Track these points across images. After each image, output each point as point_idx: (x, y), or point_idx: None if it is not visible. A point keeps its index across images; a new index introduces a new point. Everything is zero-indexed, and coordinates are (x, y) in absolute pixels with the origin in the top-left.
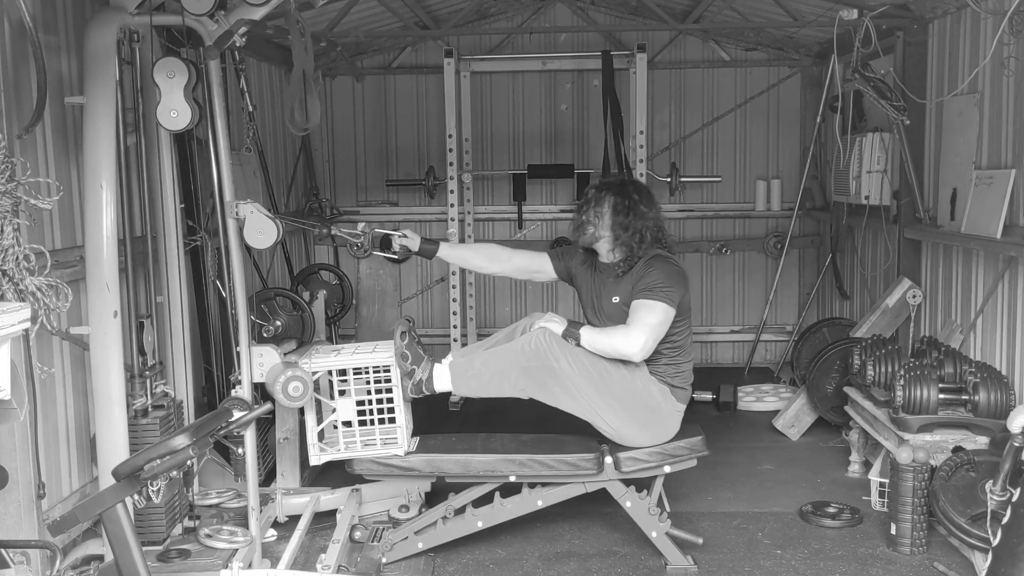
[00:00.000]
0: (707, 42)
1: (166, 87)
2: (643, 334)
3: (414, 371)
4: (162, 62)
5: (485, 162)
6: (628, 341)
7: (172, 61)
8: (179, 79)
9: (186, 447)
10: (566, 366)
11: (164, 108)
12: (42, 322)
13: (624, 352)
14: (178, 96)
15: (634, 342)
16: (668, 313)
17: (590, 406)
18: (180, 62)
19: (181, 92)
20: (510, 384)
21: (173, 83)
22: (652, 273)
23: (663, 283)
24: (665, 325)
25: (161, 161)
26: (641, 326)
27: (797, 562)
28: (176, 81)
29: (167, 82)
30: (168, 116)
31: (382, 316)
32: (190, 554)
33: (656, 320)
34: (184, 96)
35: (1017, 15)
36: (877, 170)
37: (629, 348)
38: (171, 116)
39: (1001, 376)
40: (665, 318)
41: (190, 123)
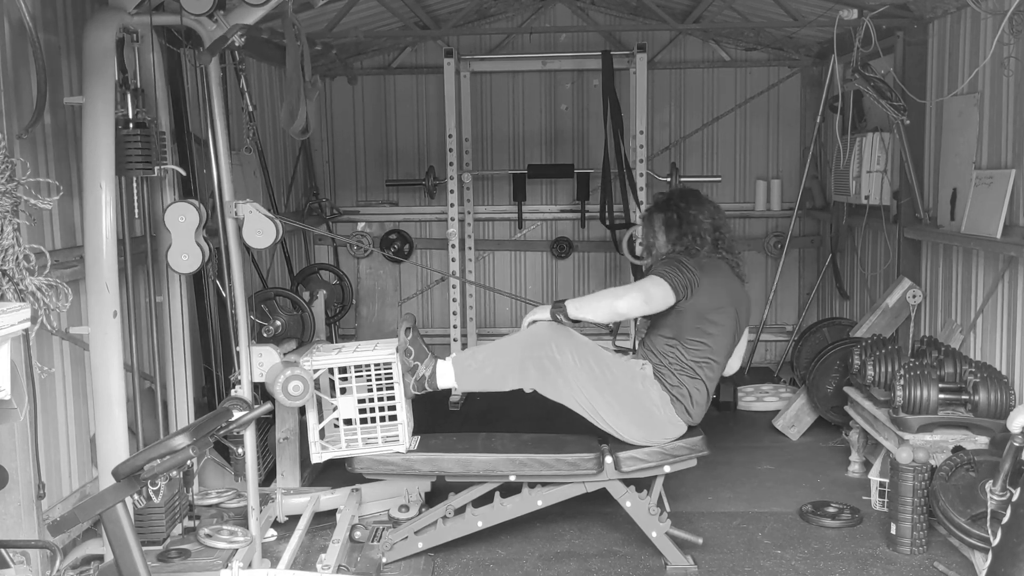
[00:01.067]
0: (707, 42)
1: (177, 231)
2: (634, 291)
3: (417, 367)
4: (173, 208)
5: (485, 162)
6: (616, 295)
7: (183, 207)
8: (190, 223)
9: (186, 447)
10: (569, 359)
11: (175, 252)
12: (42, 322)
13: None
14: (189, 240)
15: (622, 296)
16: (664, 289)
17: (588, 400)
18: (191, 207)
19: (192, 236)
20: (513, 376)
21: (184, 227)
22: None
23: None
24: (658, 300)
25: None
26: (635, 286)
27: (797, 562)
28: (187, 224)
29: (178, 226)
30: (179, 260)
31: (382, 316)
32: (190, 554)
33: (651, 285)
34: (195, 240)
35: (1017, 15)
36: (877, 170)
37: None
38: (183, 260)
39: (1001, 376)
40: (660, 293)
41: (200, 266)
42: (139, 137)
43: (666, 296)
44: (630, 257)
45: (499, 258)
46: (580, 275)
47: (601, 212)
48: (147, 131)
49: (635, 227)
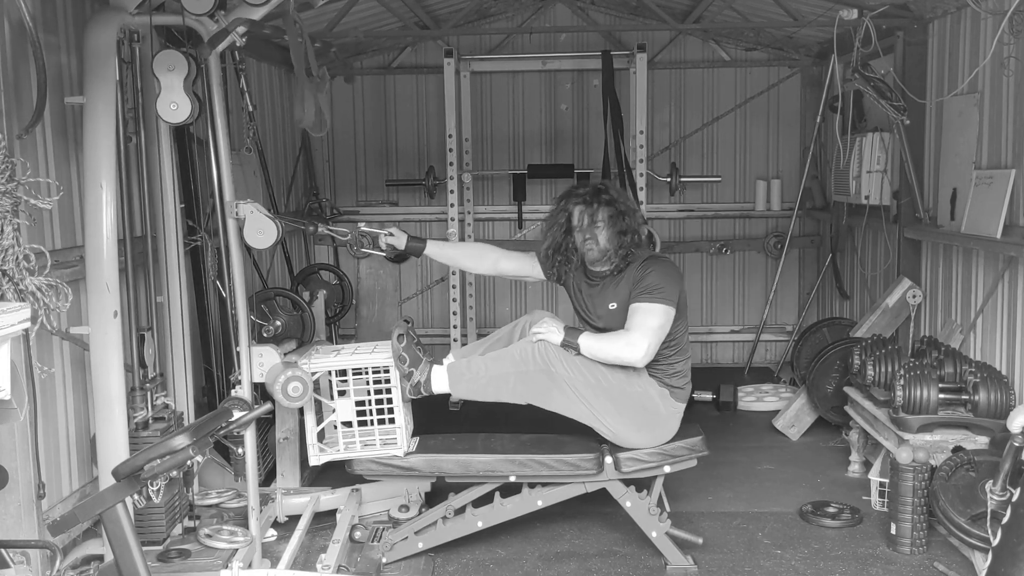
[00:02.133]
0: (707, 42)
1: (166, 80)
2: (645, 339)
3: (412, 373)
4: (161, 55)
5: (485, 162)
6: (631, 348)
7: (172, 54)
8: (179, 72)
9: (186, 447)
10: (563, 371)
11: (164, 101)
12: (42, 322)
13: (627, 359)
14: (178, 89)
15: (636, 348)
16: (668, 314)
17: (589, 411)
18: (180, 55)
19: (181, 85)
20: (508, 390)
21: (173, 76)
22: (649, 275)
23: (660, 284)
24: (666, 327)
25: (161, 161)
26: (643, 331)
27: (797, 562)
28: (176, 74)
29: (167, 75)
30: (168, 109)
31: (382, 316)
32: (190, 554)
33: (656, 323)
34: (184, 89)
35: (1017, 15)
36: (877, 170)
37: (632, 355)
38: (171, 109)
39: (1001, 376)
40: (665, 320)
41: (190, 116)
42: None
43: (670, 320)
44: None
45: None
46: None
47: None
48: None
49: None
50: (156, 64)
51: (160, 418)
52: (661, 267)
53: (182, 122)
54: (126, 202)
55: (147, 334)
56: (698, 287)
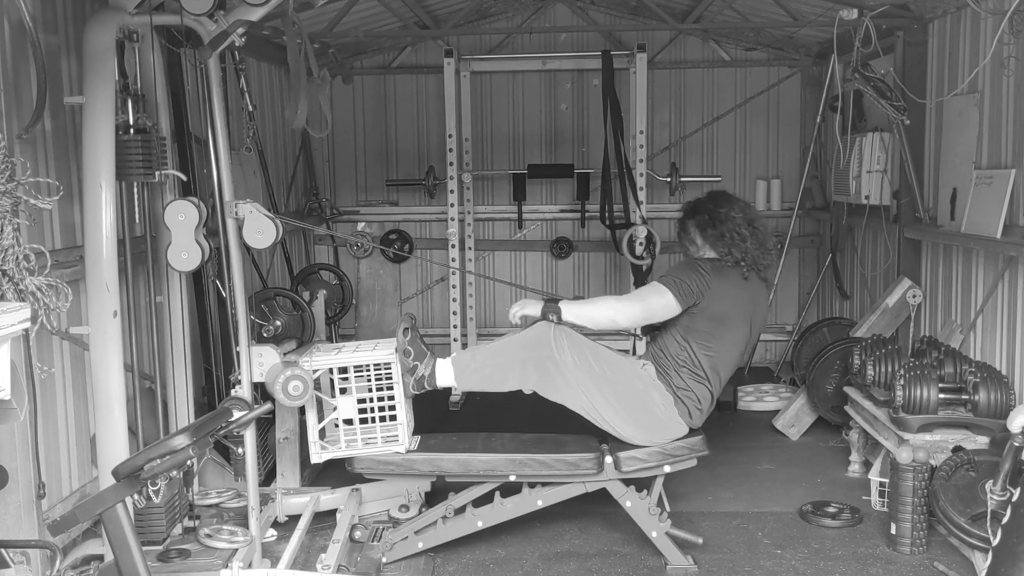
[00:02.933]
0: (707, 42)
1: (177, 229)
2: (634, 304)
3: (416, 367)
4: (173, 205)
5: (485, 162)
6: (617, 309)
7: (182, 204)
8: (189, 221)
9: (186, 447)
10: (568, 358)
11: (175, 250)
12: (42, 322)
13: (613, 318)
14: (188, 238)
15: (622, 311)
16: (667, 299)
17: (589, 400)
18: (190, 205)
19: (192, 234)
20: (513, 376)
21: (183, 225)
22: (678, 264)
23: (677, 272)
24: (662, 310)
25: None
26: (636, 298)
27: (797, 562)
28: (186, 223)
29: (178, 224)
30: (179, 258)
31: (382, 316)
32: (190, 554)
33: (655, 299)
34: (195, 238)
35: (1017, 15)
36: (877, 170)
37: (616, 315)
38: (182, 258)
39: (1001, 376)
40: (663, 303)
41: (200, 264)
42: (140, 142)
43: (668, 306)
44: (630, 257)
45: (499, 258)
46: (580, 275)
47: (601, 212)
48: (148, 136)
49: (635, 227)
50: (167, 214)
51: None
52: (686, 262)
53: (192, 270)
54: (126, 202)
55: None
56: None
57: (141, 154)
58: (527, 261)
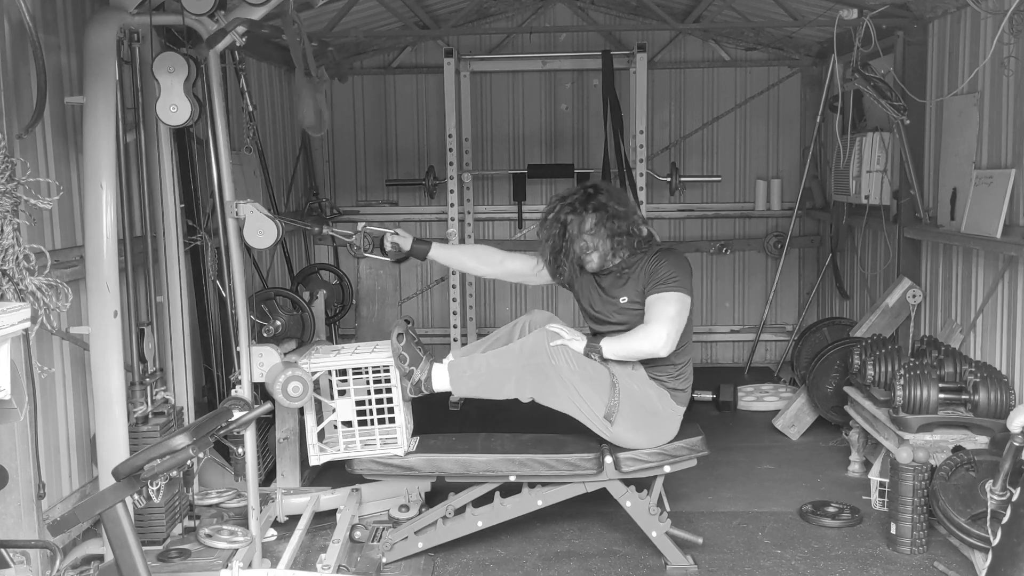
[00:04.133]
0: (707, 42)
1: (166, 82)
2: (663, 327)
3: (412, 372)
4: (161, 57)
5: (485, 162)
6: (650, 339)
7: (172, 56)
8: (179, 74)
9: (186, 447)
10: (564, 365)
11: (164, 103)
12: (42, 322)
13: (648, 351)
14: (178, 91)
15: (656, 338)
16: (684, 301)
17: (588, 407)
18: (180, 57)
19: (181, 87)
20: (510, 384)
21: (173, 78)
22: (662, 266)
23: (674, 274)
24: (683, 314)
25: (161, 161)
26: (660, 320)
27: (797, 562)
28: (176, 76)
29: (167, 77)
30: (168, 111)
31: (382, 316)
32: (190, 554)
33: (673, 311)
34: (184, 91)
35: (1017, 15)
36: (877, 170)
37: (652, 345)
38: (171, 111)
39: (1001, 376)
40: (681, 307)
41: (190, 118)
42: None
43: (688, 308)
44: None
45: None
46: None
47: None
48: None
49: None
50: (156, 66)
51: (160, 413)
52: (673, 258)
53: (182, 124)
54: (126, 202)
55: (147, 329)
56: (698, 287)
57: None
58: None
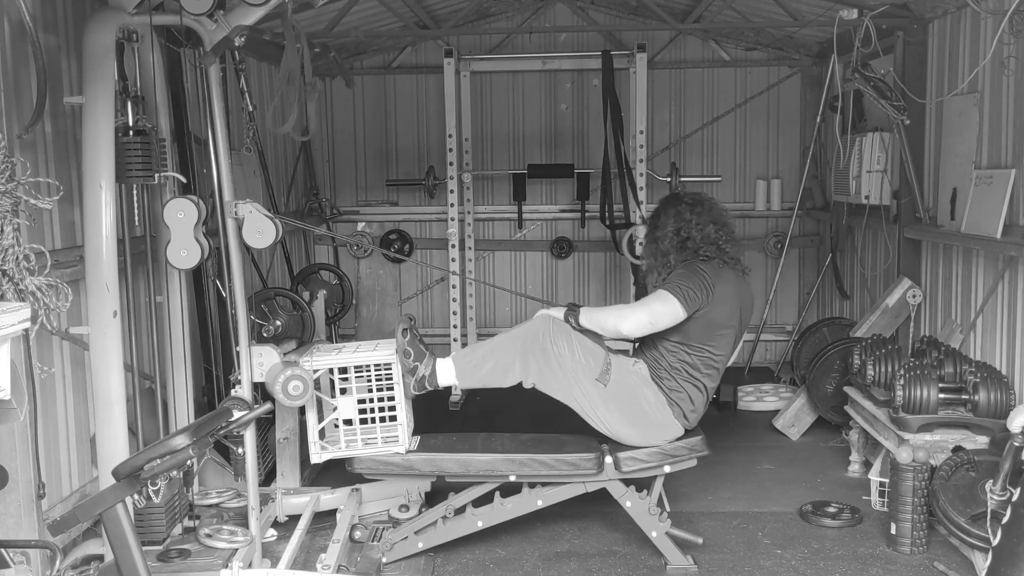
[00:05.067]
0: (707, 42)
1: (176, 227)
2: (636, 311)
3: (416, 367)
4: (172, 203)
5: (485, 162)
6: (619, 313)
7: (181, 202)
8: (188, 219)
9: (186, 447)
10: (566, 352)
11: (174, 248)
12: (42, 322)
13: (612, 323)
14: (188, 236)
15: (625, 315)
16: (673, 307)
17: (585, 396)
18: (189, 203)
19: (191, 232)
20: (514, 370)
21: (183, 222)
22: (680, 269)
23: (679, 280)
24: (666, 316)
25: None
26: (639, 304)
27: (797, 562)
28: (185, 221)
29: (177, 221)
30: (179, 256)
31: (382, 316)
32: (190, 554)
33: (658, 306)
34: (194, 236)
35: (1017, 15)
36: (877, 170)
37: (618, 318)
38: (181, 255)
39: (1001, 376)
40: (668, 310)
41: (200, 261)
42: (139, 145)
43: (674, 313)
44: (630, 257)
45: (499, 258)
46: (580, 275)
47: (601, 212)
48: (147, 138)
49: (635, 227)
50: (166, 212)
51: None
52: (689, 267)
53: (191, 267)
54: (126, 202)
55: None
56: None
57: (140, 156)
58: (527, 261)
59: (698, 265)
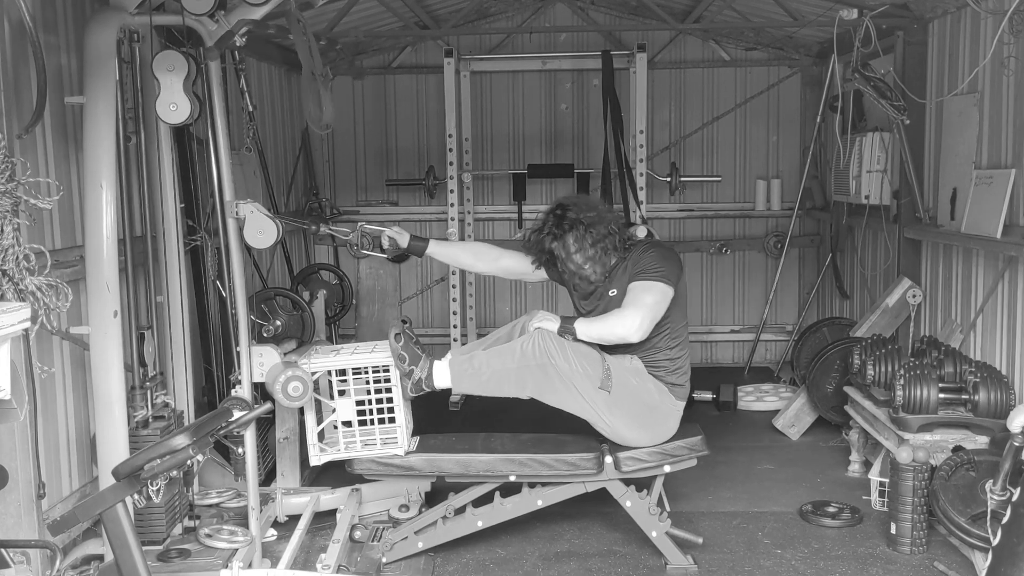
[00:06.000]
0: (707, 42)
1: (166, 81)
2: (638, 313)
3: (413, 371)
4: (161, 55)
5: (485, 162)
6: (624, 322)
7: (171, 54)
8: (179, 72)
9: (186, 447)
10: (564, 364)
11: (164, 101)
12: (42, 322)
13: (621, 334)
14: (178, 89)
15: (630, 323)
16: (664, 292)
17: (589, 405)
18: (179, 55)
19: (181, 85)
20: (509, 384)
21: (173, 76)
22: (647, 256)
23: (657, 265)
24: (661, 305)
25: (161, 161)
26: (636, 306)
27: (797, 562)
28: (176, 74)
29: (167, 75)
30: (168, 109)
31: (382, 316)
32: (190, 554)
33: (651, 299)
34: (184, 89)
35: (1017, 15)
36: (877, 170)
37: (625, 329)
38: (171, 109)
39: (1001, 376)
40: (661, 298)
41: (190, 116)
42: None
43: (665, 296)
44: None
45: None
46: None
47: None
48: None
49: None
50: (156, 65)
51: (160, 416)
52: (659, 250)
53: (182, 123)
54: (126, 202)
55: (147, 332)
56: (698, 287)
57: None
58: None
59: (664, 245)
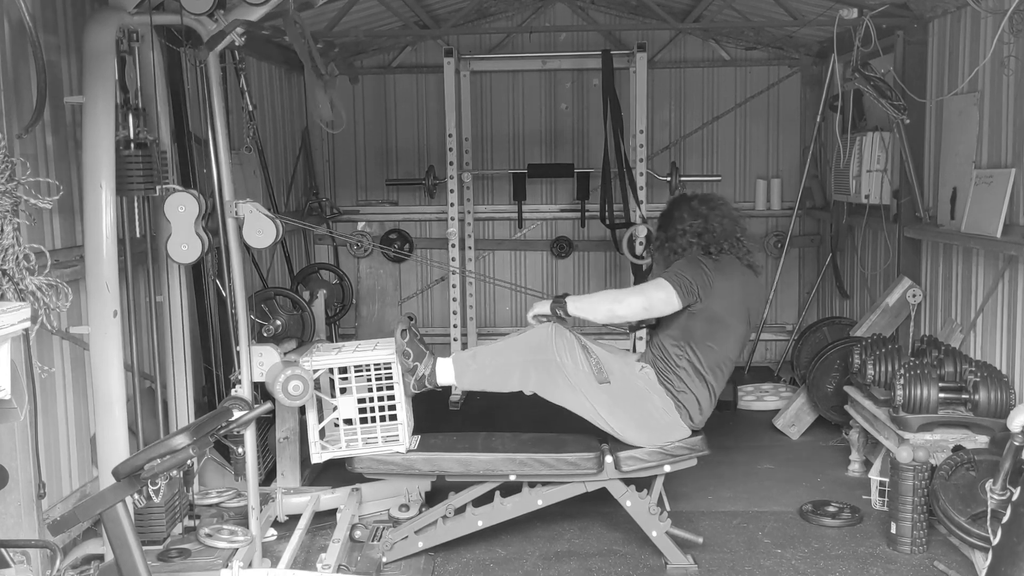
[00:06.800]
0: (707, 41)
1: (177, 221)
2: (633, 294)
3: (416, 367)
4: (173, 197)
5: (485, 161)
6: (617, 298)
7: (182, 196)
8: (189, 213)
9: (186, 447)
10: (568, 361)
11: (175, 242)
12: (42, 322)
13: (612, 308)
14: (188, 230)
15: (622, 300)
16: (667, 291)
17: (590, 403)
18: (190, 196)
19: (192, 226)
20: (514, 378)
21: (183, 216)
22: (678, 261)
23: (677, 269)
24: (663, 303)
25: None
26: (636, 288)
27: (797, 561)
28: (186, 214)
29: (178, 216)
30: (179, 250)
31: (382, 316)
32: (190, 553)
33: (653, 291)
34: (195, 229)
35: (1017, 14)
36: (877, 169)
37: (616, 305)
38: (182, 250)
39: (1001, 375)
40: (663, 295)
41: (200, 256)
42: (140, 158)
43: (668, 301)
44: (630, 256)
45: (499, 258)
46: (580, 275)
47: (601, 212)
48: (148, 151)
49: (635, 226)
50: (167, 206)
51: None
52: (691, 259)
53: (192, 262)
54: (126, 202)
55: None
56: None
57: (142, 169)
58: (527, 261)
59: (699, 258)
